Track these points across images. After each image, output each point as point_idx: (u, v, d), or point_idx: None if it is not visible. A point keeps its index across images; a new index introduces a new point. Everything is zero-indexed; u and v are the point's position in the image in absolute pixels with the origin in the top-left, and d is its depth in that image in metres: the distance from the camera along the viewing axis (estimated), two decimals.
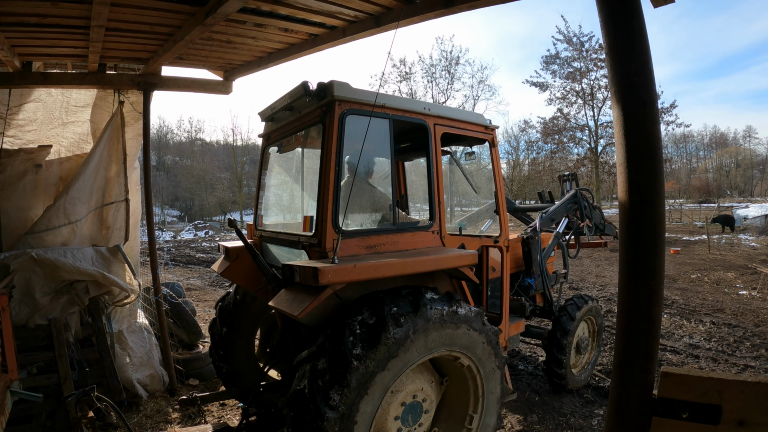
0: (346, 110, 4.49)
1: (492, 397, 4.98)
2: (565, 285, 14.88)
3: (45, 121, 8.04)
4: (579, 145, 43.29)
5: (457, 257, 4.68)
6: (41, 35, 6.20)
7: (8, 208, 7.46)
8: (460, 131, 5.59)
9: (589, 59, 40.98)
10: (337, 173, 4.43)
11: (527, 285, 7.11)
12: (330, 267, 3.84)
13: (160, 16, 5.82)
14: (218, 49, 7.05)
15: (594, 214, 8.20)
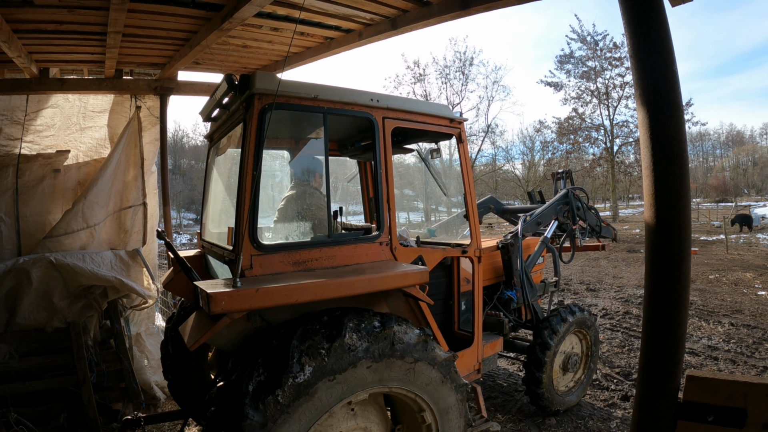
0: (268, 105, 3.92)
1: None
2: (561, 292, 14.78)
3: (63, 126, 8.10)
4: (594, 145, 43.17)
5: (399, 276, 4.01)
6: (58, 42, 6.23)
7: (27, 212, 7.52)
8: (417, 125, 4.90)
9: (604, 58, 40.93)
10: (255, 177, 3.83)
11: (507, 298, 6.36)
12: (225, 293, 3.26)
13: (177, 21, 5.84)
14: (234, 53, 7.08)
15: (588, 215, 7.52)
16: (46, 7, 5.20)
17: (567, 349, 6.69)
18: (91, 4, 5.19)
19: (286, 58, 7.43)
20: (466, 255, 5.29)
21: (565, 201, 7.20)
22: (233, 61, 7.47)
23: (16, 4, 5.11)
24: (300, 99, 4.09)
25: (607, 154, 41.58)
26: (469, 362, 5.32)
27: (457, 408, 4.22)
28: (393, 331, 3.72)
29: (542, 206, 7.11)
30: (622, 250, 23.35)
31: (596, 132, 42.56)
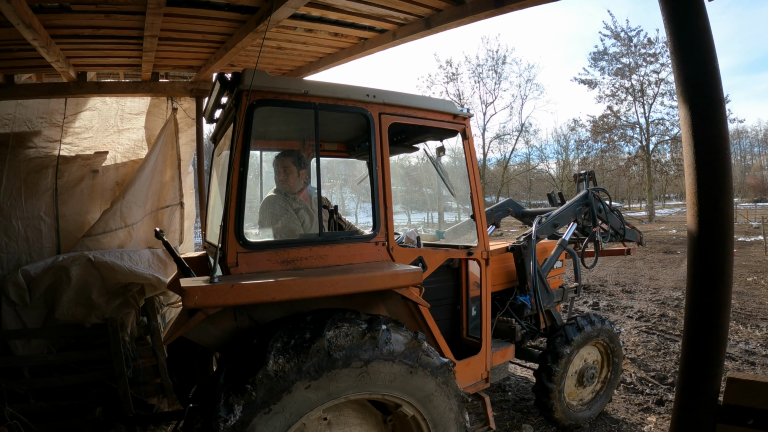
0: (257, 101, 3.87)
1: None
2: (596, 294, 14.60)
3: (101, 128, 8.24)
4: (630, 144, 42.50)
5: (389, 276, 3.87)
6: (95, 46, 6.30)
7: (66, 212, 7.69)
8: (417, 121, 4.72)
9: (638, 54, 40.21)
10: (242, 174, 3.79)
11: (520, 304, 6.02)
12: (199, 288, 3.23)
13: (212, 24, 5.87)
14: (269, 55, 7.09)
15: (611, 217, 7.06)
16: (84, 12, 5.25)
17: (583, 360, 6.34)
18: (128, 9, 5.23)
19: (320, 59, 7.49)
20: (472, 257, 5.04)
21: (585, 202, 6.82)
22: (267, 62, 7.48)
23: (54, 10, 5.17)
24: (290, 95, 4.02)
25: (642, 153, 40.84)
26: (476, 370, 5.11)
27: (455, 419, 4.01)
28: (376, 333, 3.53)
29: (560, 207, 6.80)
30: (658, 251, 22.95)
31: (631, 130, 41.82)
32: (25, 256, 7.44)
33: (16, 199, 7.43)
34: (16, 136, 7.58)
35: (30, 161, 7.60)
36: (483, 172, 51.07)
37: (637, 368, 8.18)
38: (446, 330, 5.24)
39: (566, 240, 6.45)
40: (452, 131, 5.09)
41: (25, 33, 5.16)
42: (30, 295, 6.76)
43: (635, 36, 40.31)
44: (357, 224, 6.14)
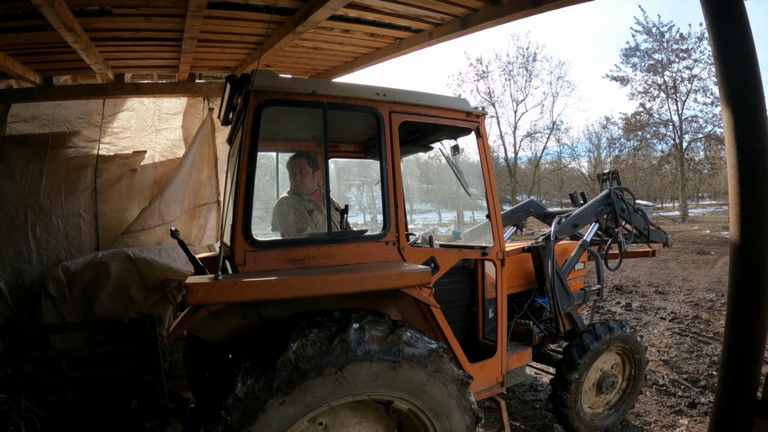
0: (264, 101, 3.86)
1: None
2: (629, 294, 14.40)
3: (138, 128, 8.37)
4: (663, 142, 41.74)
5: (396, 276, 3.79)
6: (134, 48, 6.40)
7: (105, 209, 7.84)
8: (428, 119, 4.62)
9: (670, 50, 39.34)
10: (249, 173, 3.81)
11: (539, 306, 5.84)
12: (202, 284, 3.26)
13: (250, 26, 5.90)
14: (305, 55, 7.10)
15: (635, 217, 6.78)
16: (124, 15, 5.33)
17: (603, 368, 6.11)
18: (168, 12, 5.27)
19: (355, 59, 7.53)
20: (486, 257, 4.93)
21: (607, 202, 6.54)
22: (303, 63, 7.50)
23: (94, 13, 5.26)
24: (298, 95, 4.00)
25: (675, 151, 40.03)
26: (491, 374, 4.98)
27: (456, 404, 3.84)
28: (346, 336, 3.36)
29: (581, 207, 6.59)
30: (691, 252, 22.52)
31: (664, 128, 40.90)
32: (65, 253, 7.60)
33: (56, 197, 7.59)
34: (55, 136, 7.75)
35: (69, 160, 7.75)
36: (514, 170, 50.70)
37: (669, 370, 8.05)
38: (462, 332, 5.18)
39: (587, 241, 6.26)
40: (466, 129, 4.97)
41: (67, 36, 5.25)
42: (69, 290, 6.90)
43: (667, 31, 39.44)
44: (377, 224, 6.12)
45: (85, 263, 7.05)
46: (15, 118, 7.47)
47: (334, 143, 6.16)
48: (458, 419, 3.84)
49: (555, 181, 57.61)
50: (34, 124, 7.78)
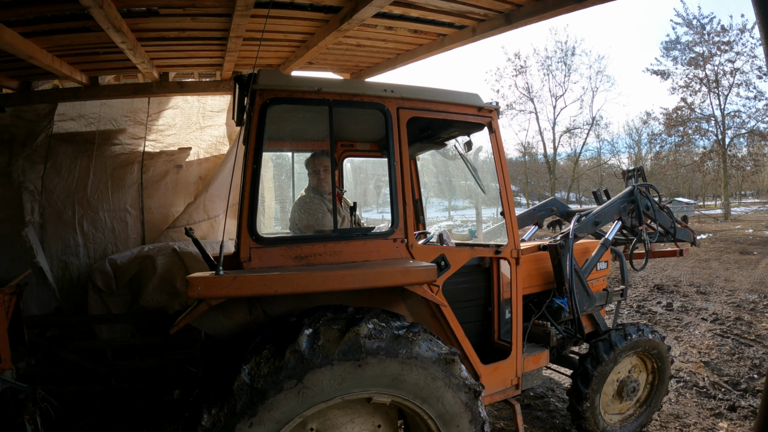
0: (269, 100, 3.88)
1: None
2: (669, 294, 14.01)
3: (183, 125, 8.45)
4: (705, 138, 40.62)
5: (399, 272, 3.69)
6: (179, 48, 6.44)
7: (151, 205, 7.97)
8: (438, 114, 4.53)
9: (711, 43, 38.23)
10: (255, 171, 3.82)
11: (557, 307, 5.59)
12: (202, 279, 3.27)
13: (295, 24, 5.88)
14: (347, 52, 7.05)
15: (660, 215, 6.46)
16: (171, 16, 5.35)
17: (625, 372, 5.84)
18: (215, 12, 5.28)
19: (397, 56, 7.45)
20: (500, 256, 4.76)
21: (630, 199, 6.28)
22: (346, 60, 7.45)
23: (141, 14, 5.30)
24: (303, 93, 3.99)
25: (718, 147, 38.92)
26: (505, 376, 4.82)
27: (444, 384, 3.64)
28: (297, 346, 3.23)
29: (602, 204, 6.34)
30: (734, 252, 21.87)
31: (706, 123, 39.69)
32: (111, 246, 7.78)
33: (103, 193, 7.75)
34: (101, 134, 7.92)
35: (116, 157, 7.90)
36: (553, 167, 50.06)
37: (710, 372, 7.83)
38: (477, 333, 5.07)
39: (609, 239, 5.97)
40: (478, 125, 4.87)
41: (114, 36, 5.29)
42: (116, 283, 7.03)
43: (708, 23, 38.24)
44: None
45: (131, 257, 7.18)
46: (62, 117, 7.63)
47: (350, 142, 6.19)
48: (451, 399, 3.68)
49: (594, 177, 56.59)
50: (80, 122, 7.97)
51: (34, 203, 7.45)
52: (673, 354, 8.51)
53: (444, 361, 3.63)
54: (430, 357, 3.56)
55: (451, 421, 3.70)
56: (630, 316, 11.46)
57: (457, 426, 3.72)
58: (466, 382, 3.73)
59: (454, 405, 3.69)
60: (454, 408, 3.70)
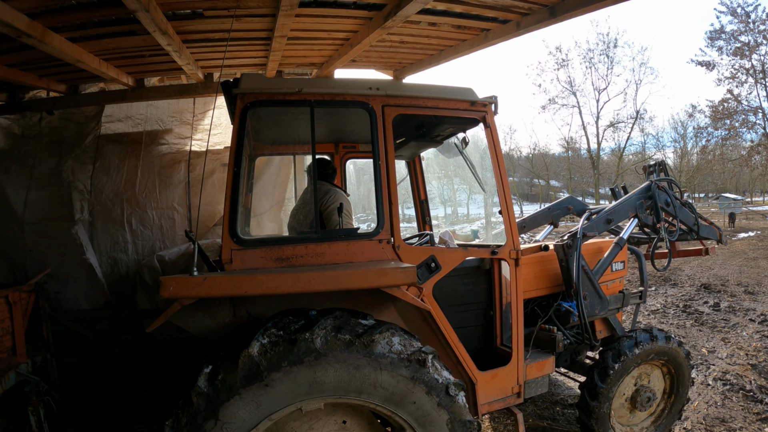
0: (250, 103, 3.86)
1: None
2: (717, 294, 13.08)
3: (228, 125, 8.42)
4: (752, 131, 39.25)
5: (374, 274, 3.51)
6: (223, 49, 6.28)
7: (198, 202, 8.04)
8: (427, 111, 4.37)
9: (757, 32, 36.82)
10: (235, 174, 3.85)
11: (565, 311, 5.22)
12: (174, 279, 3.26)
13: (339, 22, 5.82)
14: (390, 50, 6.95)
15: (682, 212, 6.00)
16: (216, 17, 5.36)
17: (640, 380, 5.44)
18: (259, 12, 5.27)
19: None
20: (497, 257, 4.53)
21: (647, 195, 5.82)
22: (389, 57, 7.34)
23: (186, 16, 5.32)
24: (284, 94, 3.97)
25: (766, 140, 37.61)
26: (505, 383, 4.57)
27: (408, 380, 3.44)
28: (231, 371, 3.21)
29: (616, 201, 5.95)
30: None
31: (754, 115, 38.32)
32: (159, 243, 7.93)
33: (150, 191, 7.87)
34: (148, 134, 8.05)
35: (163, 156, 8.02)
36: (597, 162, 49.16)
37: (757, 375, 7.46)
38: (477, 337, 4.88)
39: (624, 238, 5.58)
40: (473, 120, 4.63)
41: (160, 39, 5.32)
42: None
43: (753, 12, 36.78)
44: None
45: (179, 253, 7.28)
46: (109, 118, 7.78)
47: (352, 143, 6.19)
48: (425, 400, 3.49)
49: (639, 173, 55.33)
50: (127, 123, 8.13)
51: (83, 202, 7.63)
52: (720, 356, 8.26)
53: (414, 362, 3.47)
54: (396, 358, 3.42)
55: (428, 424, 3.55)
56: (677, 315, 11.08)
57: (435, 427, 3.57)
58: (441, 382, 3.55)
59: (429, 406, 3.53)
60: (430, 410, 3.54)
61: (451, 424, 3.58)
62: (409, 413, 3.49)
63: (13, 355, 5.41)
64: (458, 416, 3.59)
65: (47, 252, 7.42)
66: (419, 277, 4.02)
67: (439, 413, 3.54)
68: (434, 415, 3.53)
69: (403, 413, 3.49)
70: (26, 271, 7.38)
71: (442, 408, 3.54)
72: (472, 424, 3.62)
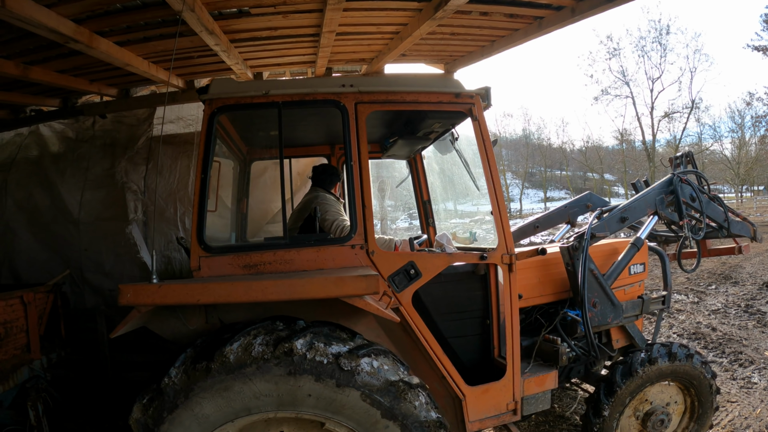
0: (217, 108, 3.86)
1: None
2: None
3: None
4: None
5: (332, 283, 3.25)
6: (271, 47, 6.38)
7: (250, 201, 7.94)
8: (405, 106, 4.16)
9: None
10: (203, 181, 3.78)
11: (571, 320, 4.66)
12: (132, 287, 3.21)
13: (387, 15, 5.62)
14: (441, 42, 6.69)
15: (710, 207, 5.37)
16: (262, 15, 5.25)
17: (653, 400, 4.86)
18: (306, 8, 5.13)
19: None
20: (485, 261, 4.16)
21: (669, 189, 5.20)
22: (440, 50, 7.08)
23: (233, 15, 5.23)
24: (252, 98, 3.90)
25: None
26: (498, 399, 4.18)
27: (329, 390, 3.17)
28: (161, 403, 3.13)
29: (632, 197, 5.36)
30: None
31: None
32: None
33: None
34: (200, 135, 7.98)
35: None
36: (653, 154, 47.42)
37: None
38: (473, 348, 4.48)
39: (642, 238, 5.01)
40: (458, 113, 4.38)
41: (208, 39, 5.26)
42: None
43: None
44: None
45: None
46: (161, 120, 7.77)
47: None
48: (359, 407, 3.21)
49: (666, 165, 53.35)
50: (179, 124, 8.22)
51: (137, 202, 7.70)
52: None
53: (332, 368, 3.19)
54: (320, 372, 3.17)
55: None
56: (738, 316, 10.41)
57: None
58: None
59: (359, 411, 3.24)
60: (360, 415, 3.25)
61: (363, 399, 3.25)
62: (315, 410, 3.27)
63: (27, 352, 5.59)
64: (367, 388, 3.24)
65: (102, 251, 7.57)
66: (396, 284, 3.87)
67: (336, 397, 3.27)
68: (332, 400, 3.28)
69: (310, 411, 3.28)
70: (81, 269, 7.56)
71: (329, 387, 3.24)
72: (400, 387, 3.29)
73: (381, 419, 3.20)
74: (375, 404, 3.18)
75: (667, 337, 9.23)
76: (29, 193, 7.78)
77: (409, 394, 3.25)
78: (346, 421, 3.24)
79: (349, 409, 3.19)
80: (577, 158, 65.33)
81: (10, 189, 7.85)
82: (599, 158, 60.55)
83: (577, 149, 65.43)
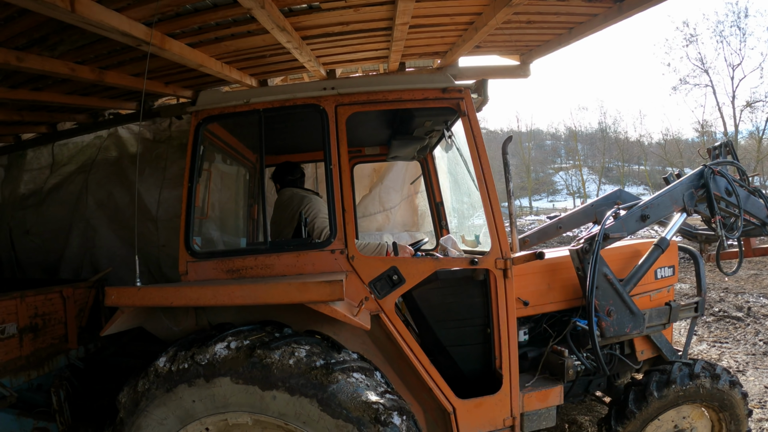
0: (203, 119, 3.99)
1: None
2: None
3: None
4: None
5: (296, 288, 3.23)
6: (343, 43, 6.27)
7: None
8: (389, 105, 4.05)
9: None
10: (189, 189, 3.91)
11: (581, 330, 4.25)
12: (116, 289, 3.41)
13: (461, 4, 5.37)
14: (516, 31, 6.39)
15: (750, 202, 4.80)
16: (333, 9, 5.15)
17: (677, 423, 4.37)
18: (378, 0, 5.01)
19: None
20: (476, 266, 3.91)
21: (699, 183, 4.64)
22: (515, 40, 6.80)
23: (303, 11, 5.16)
24: (234, 107, 4.01)
25: None
26: (494, 414, 3.90)
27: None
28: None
29: (658, 192, 4.79)
30: None
31: None
32: None
33: (270, 188, 8.01)
34: None
35: None
36: (735, 146, 44.97)
37: None
38: (473, 358, 4.23)
39: (667, 239, 4.47)
40: (447, 109, 4.13)
41: (279, 36, 5.21)
42: None
43: None
44: None
45: None
46: None
47: (357, 148, 6.14)
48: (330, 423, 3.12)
49: (703, 156, 49.85)
50: None
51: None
52: None
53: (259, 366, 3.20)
54: (260, 378, 3.18)
55: None
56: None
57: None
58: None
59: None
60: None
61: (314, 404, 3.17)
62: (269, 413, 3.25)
63: (65, 342, 5.99)
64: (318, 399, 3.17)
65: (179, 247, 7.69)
66: (378, 290, 3.77)
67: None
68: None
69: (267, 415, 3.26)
70: (160, 265, 7.78)
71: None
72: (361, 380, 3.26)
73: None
74: (350, 422, 3.11)
75: (752, 344, 8.49)
76: (109, 192, 8.07)
77: (383, 416, 3.14)
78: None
79: (320, 424, 3.14)
80: (656, 152, 62.78)
81: (91, 188, 8.15)
82: (679, 151, 57.52)
83: (655, 142, 62.97)
